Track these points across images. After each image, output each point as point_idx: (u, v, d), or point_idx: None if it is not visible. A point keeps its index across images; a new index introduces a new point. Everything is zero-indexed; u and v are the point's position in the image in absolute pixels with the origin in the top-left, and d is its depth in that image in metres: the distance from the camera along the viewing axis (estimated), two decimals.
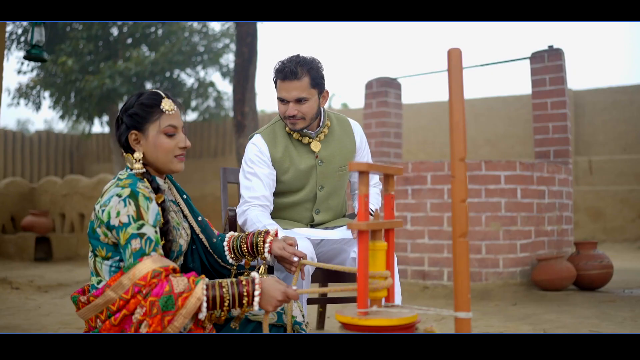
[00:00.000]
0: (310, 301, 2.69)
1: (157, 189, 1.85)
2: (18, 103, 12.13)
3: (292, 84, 2.39)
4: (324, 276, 2.60)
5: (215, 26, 12.46)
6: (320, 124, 2.55)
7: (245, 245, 2.04)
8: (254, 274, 1.72)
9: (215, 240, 2.09)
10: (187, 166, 12.51)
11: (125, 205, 1.71)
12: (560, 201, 5.28)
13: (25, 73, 12.06)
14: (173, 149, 1.89)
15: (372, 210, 2.65)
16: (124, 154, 1.91)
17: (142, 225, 1.69)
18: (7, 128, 15.12)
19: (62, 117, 12.10)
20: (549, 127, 5.40)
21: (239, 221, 2.46)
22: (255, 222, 2.34)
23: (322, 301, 2.97)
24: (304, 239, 2.36)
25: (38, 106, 12.18)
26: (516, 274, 4.84)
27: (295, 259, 1.97)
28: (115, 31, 11.83)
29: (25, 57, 4.71)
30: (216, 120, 12.70)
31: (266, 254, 2.00)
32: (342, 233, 2.49)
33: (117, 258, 1.77)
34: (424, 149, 11.96)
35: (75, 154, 14.05)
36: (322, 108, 2.55)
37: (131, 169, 1.87)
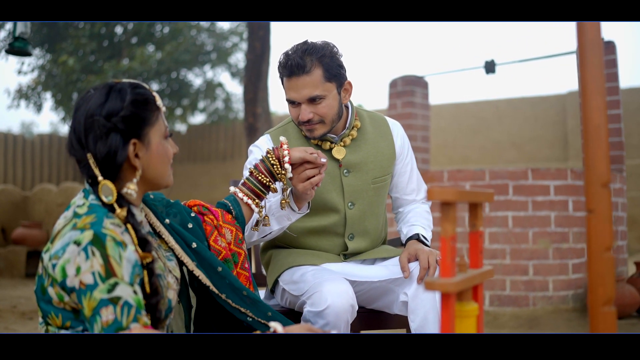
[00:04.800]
0: None
1: (144, 242, 1.27)
2: (18, 105, 11.61)
3: (301, 80, 1.85)
4: (361, 322, 2.02)
5: (224, 24, 11.93)
6: (347, 125, 1.99)
7: (261, 175, 1.69)
8: (274, 324, 1.29)
9: (220, 268, 1.52)
10: (194, 170, 12.01)
11: (87, 257, 1.16)
12: (615, 214, 4.65)
13: (25, 73, 11.53)
14: (171, 157, 1.40)
15: (426, 240, 2.07)
16: (101, 181, 1.28)
17: (114, 285, 1.16)
18: (10, 131, 14.62)
19: (63, 119, 11.57)
20: None
21: None
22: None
23: None
24: (342, 281, 1.80)
25: (39, 108, 11.67)
26: (568, 298, 4.21)
27: (324, 159, 1.68)
28: (119, 29, 11.30)
29: (7, 52, 4.13)
30: (225, 122, 12.18)
31: (286, 165, 1.67)
32: (389, 271, 1.94)
33: (80, 328, 1.23)
34: (444, 152, 11.37)
35: None
36: (349, 103, 2.01)
37: (103, 201, 1.28)
